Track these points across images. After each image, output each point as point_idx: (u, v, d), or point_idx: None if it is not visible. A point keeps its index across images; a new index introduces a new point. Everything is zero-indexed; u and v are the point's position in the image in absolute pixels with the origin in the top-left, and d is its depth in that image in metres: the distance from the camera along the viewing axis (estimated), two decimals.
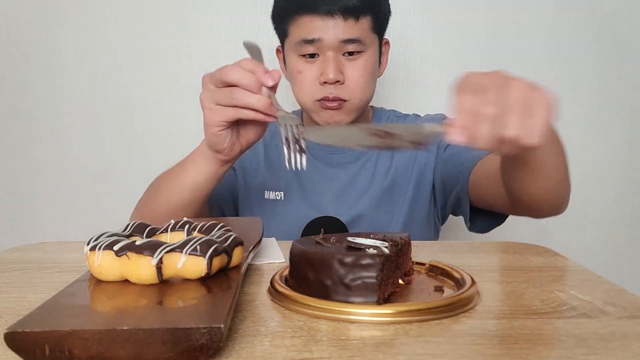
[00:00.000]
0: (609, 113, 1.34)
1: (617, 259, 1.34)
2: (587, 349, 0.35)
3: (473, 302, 0.44)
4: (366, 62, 0.90)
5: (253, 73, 0.63)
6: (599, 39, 1.31)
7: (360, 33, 0.88)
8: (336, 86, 0.89)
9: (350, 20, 0.86)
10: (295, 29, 0.90)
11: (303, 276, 0.44)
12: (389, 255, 0.43)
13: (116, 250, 0.40)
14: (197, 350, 0.32)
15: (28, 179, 1.41)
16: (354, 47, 0.88)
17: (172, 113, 1.36)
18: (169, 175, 0.80)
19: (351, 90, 0.90)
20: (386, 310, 0.40)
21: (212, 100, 0.67)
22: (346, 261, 0.42)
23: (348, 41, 0.87)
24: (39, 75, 1.36)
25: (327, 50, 0.88)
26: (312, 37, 0.87)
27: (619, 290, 0.48)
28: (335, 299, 0.42)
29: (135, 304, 0.36)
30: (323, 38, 0.87)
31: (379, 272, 0.41)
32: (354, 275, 0.41)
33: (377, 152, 0.99)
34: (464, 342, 0.36)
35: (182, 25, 1.34)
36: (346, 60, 0.89)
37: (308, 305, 0.42)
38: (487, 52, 1.32)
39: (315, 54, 0.89)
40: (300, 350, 0.34)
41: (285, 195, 0.97)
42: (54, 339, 0.31)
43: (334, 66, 0.87)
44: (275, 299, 0.45)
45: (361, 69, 0.90)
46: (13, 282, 0.51)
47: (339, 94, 0.89)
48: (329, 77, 0.87)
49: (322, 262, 0.43)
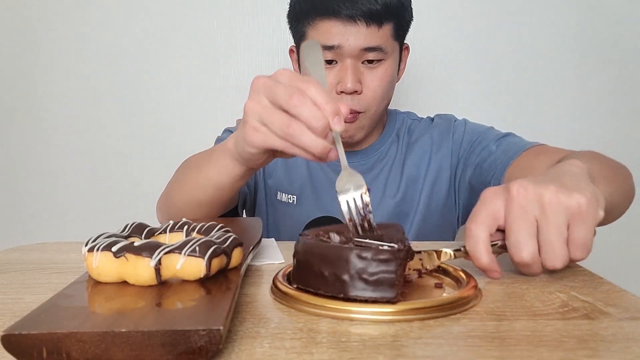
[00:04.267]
0: (609, 113, 1.34)
1: (619, 260, 1.34)
2: (589, 351, 0.34)
3: (474, 301, 0.44)
4: (386, 71, 0.86)
5: (322, 109, 0.49)
6: (600, 39, 1.31)
7: (382, 41, 0.83)
8: (353, 97, 0.84)
9: (372, 27, 0.81)
10: (314, 32, 0.84)
11: (316, 273, 0.43)
12: (404, 252, 0.42)
13: (114, 251, 0.40)
14: (196, 353, 0.31)
15: (26, 179, 1.40)
16: (374, 55, 0.83)
17: (171, 113, 1.36)
18: (194, 169, 0.72)
19: (368, 101, 0.85)
20: (395, 308, 0.40)
21: (260, 119, 0.53)
22: (365, 255, 0.41)
23: (369, 49, 0.82)
24: (39, 76, 1.36)
25: (346, 57, 0.83)
26: (331, 43, 0.82)
27: (620, 291, 0.48)
28: (352, 294, 0.41)
29: (134, 306, 0.36)
30: (343, 45, 0.82)
31: (398, 267, 0.41)
32: (373, 269, 0.41)
33: (391, 163, 0.97)
34: (464, 344, 0.36)
35: (182, 25, 1.34)
36: (365, 68, 0.85)
37: (313, 304, 0.42)
38: (490, 52, 1.32)
39: (333, 60, 0.84)
40: (300, 352, 0.34)
41: (298, 198, 0.95)
42: (52, 342, 0.31)
43: (353, 75, 0.83)
44: (279, 298, 0.45)
45: (380, 77, 0.85)
46: (10, 283, 0.51)
47: (354, 105, 0.85)
48: (346, 87, 0.82)
49: (339, 257, 0.42)
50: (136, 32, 1.34)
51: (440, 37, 1.32)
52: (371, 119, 0.89)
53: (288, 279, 0.48)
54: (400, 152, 0.98)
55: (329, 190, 0.94)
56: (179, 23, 1.33)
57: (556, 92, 1.34)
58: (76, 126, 1.37)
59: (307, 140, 0.50)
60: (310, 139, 0.49)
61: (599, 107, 1.34)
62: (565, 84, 1.33)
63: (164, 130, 1.36)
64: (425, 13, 1.30)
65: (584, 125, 1.34)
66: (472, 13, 1.31)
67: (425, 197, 0.95)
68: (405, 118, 1.03)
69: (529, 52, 1.32)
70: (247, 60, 1.34)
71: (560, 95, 1.34)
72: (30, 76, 1.36)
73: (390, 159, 0.98)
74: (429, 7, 1.30)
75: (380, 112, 0.91)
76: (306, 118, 0.49)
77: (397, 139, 1.00)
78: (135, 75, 1.35)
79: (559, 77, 1.33)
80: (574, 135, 1.34)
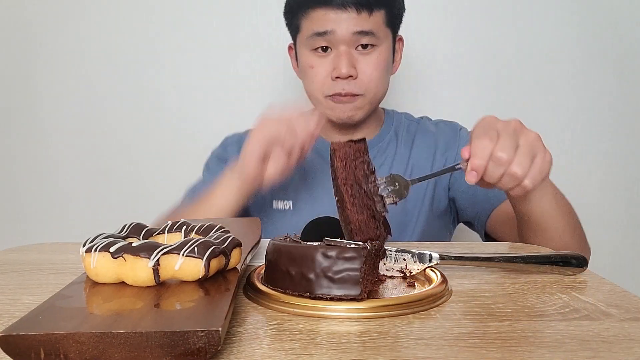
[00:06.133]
0: (610, 113, 1.34)
1: (620, 261, 1.34)
2: (590, 352, 0.34)
3: (443, 298, 0.45)
4: (380, 56, 0.89)
5: None
6: (599, 38, 1.31)
7: (373, 26, 0.86)
8: (349, 81, 0.87)
9: (363, 13, 0.85)
10: (308, 22, 0.89)
11: (284, 272, 0.44)
12: (370, 250, 0.44)
13: (112, 252, 0.40)
14: (195, 354, 0.31)
15: (24, 179, 1.40)
16: (367, 39, 0.87)
17: (171, 114, 1.36)
18: (198, 205, 0.81)
19: (365, 84, 0.88)
20: (365, 305, 0.41)
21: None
22: (330, 254, 0.42)
23: (361, 33, 0.86)
24: (39, 75, 1.36)
25: (340, 44, 0.86)
26: (324, 29, 0.86)
27: (621, 292, 0.47)
28: (318, 292, 0.42)
29: (132, 307, 0.35)
30: (336, 30, 0.85)
31: (363, 265, 0.42)
32: (337, 267, 0.42)
33: (391, 161, 0.98)
34: (465, 345, 0.35)
35: (182, 25, 1.33)
36: (359, 54, 0.88)
37: (288, 303, 0.42)
38: (491, 53, 1.32)
39: (327, 48, 0.88)
40: (299, 354, 0.34)
41: (294, 204, 0.96)
42: (49, 343, 0.31)
43: (347, 60, 0.86)
44: (255, 297, 0.45)
45: (374, 63, 0.88)
46: (8, 284, 0.51)
47: (351, 89, 0.88)
48: (341, 72, 0.86)
49: (305, 256, 0.43)
50: (136, 32, 1.33)
51: (441, 36, 1.32)
52: (370, 103, 0.91)
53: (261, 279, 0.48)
54: (401, 150, 0.98)
55: (325, 194, 0.93)
56: (179, 23, 1.33)
57: (556, 92, 1.33)
58: (75, 126, 1.37)
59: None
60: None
61: (599, 107, 1.34)
62: (565, 84, 1.33)
63: (162, 130, 1.36)
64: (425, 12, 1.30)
65: (584, 125, 1.34)
66: (472, 13, 1.31)
67: (428, 199, 0.95)
68: (403, 118, 1.04)
69: (529, 52, 1.32)
70: (247, 60, 1.34)
71: (560, 95, 1.33)
72: (30, 76, 1.36)
73: (389, 156, 0.98)
74: (427, 5, 1.30)
75: (378, 98, 0.93)
76: None
77: (396, 137, 1.00)
78: (135, 75, 1.35)
79: (559, 77, 1.33)
80: (574, 135, 1.34)
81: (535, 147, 0.58)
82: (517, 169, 0.57)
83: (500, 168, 0.57)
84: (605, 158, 1.34)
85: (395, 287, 0.48)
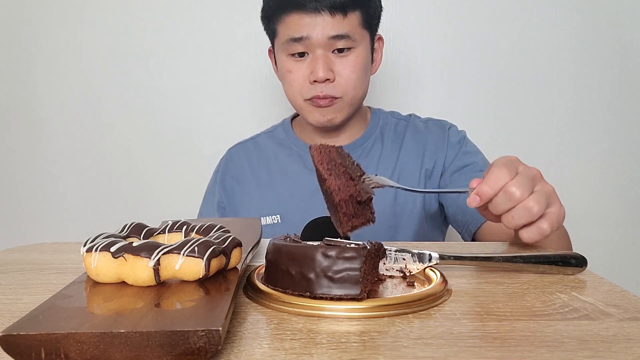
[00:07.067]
0: (609, 113, 1.34)
1: (619, 260, 1.34)
2: (590, 351, 0.34)
3: (443, 298, 0.45)
4: (357, 58, 0.89)
5: None
6: (600, 39, 1.31)
7: (349, 29, 0.86)
8: (326, 84, 0.87)
9: (338, 16, 0.85)
10: (284, 28, 0.89)
11: (284, 271, 0.44)
12: (370, 250, 0.44)
13: (113, 251, 0.40)
14: (195, 354, 0.31)
15: (24, 180, 1.40)
16: (343, 43, 0.87)
17: (170, 114, 1.36)
18: None
19: (342, 87, 0.88)
20: (366, 304, 0.41)
21: None
22: (330, 254, 0.42)
23: (336, 37, 0.86)
24: (38, 75, 1.36)
25: (316, 48, 0.87)
26: (300, 35, 0.86)
27: (621, 291, 0.47)
28: (318, 292, 0.42)
29: (132, 306, 0.36)
30: (311, 35, 0.85)
31: (362, 264, 0.42)
32: (337, 267, 0.42)
33: (377, 161, 0.98)
34: (465, 345, 0.35)
35: (182, 25, 1.33)
36: (336, 57, 0.88)
37: (289, 303, 0.42)
38: (486, 51, 1.32)
39: (304, 53, 0.88)
40: (299, 354, 0.34)
41: (282, 217, 0.95)
42: (50, 342, 0.31)
43: (323, 64, 0.86)
44: (255, 297, 0.45)
45: (352, 65, 0.88)
46: (9, 284, 0.51)
47: (329, 92, 0.88)
48: (318, 76, 0.86)
49: (305, 256, 0.43)
50: (135, 32, 1.33)
51: (440, 35, 1.32)
52: (349, 105, 0.91)
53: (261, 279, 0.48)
54: (387, 150, 0.98)
55: (313, 204, 0.92)
56: (179, 23, 1.33)
57: (556, 92, 1.33)
58: (75, 126, 1.37)
59: None
60: None
61: (598, 107, 1.34)
62: (565, 84, 1.33)
63: (162, 131, 1.36)
64: (423, 11, 1.30)
65: (584, 125, 1.34)
66: (470, 11, 1.31)
67: (420, 200, 0.95)
68: (390, 117, 1.04)
69: (528, 52, 1.32)
70: (247, 60, 1.34)
71: (559, 96, 1.33)
72: (29, 76, 1.36)
73: (375, 156, 0.98)
74: (421, 3, 1.30)
75: (357, 99, 0.92)
76: None
77: (382, 137, 1.00)
78: (134, 75, 1.35)
79: (559, 77, 1.33)
80: (573, 135, 1.34)
81: (551, 197, 0.57)
82: (534, 204, 0.55)
83: (509, 203, 0.56)
84: (604, 158, 1.35)
85: (395, 286, 0.48)
